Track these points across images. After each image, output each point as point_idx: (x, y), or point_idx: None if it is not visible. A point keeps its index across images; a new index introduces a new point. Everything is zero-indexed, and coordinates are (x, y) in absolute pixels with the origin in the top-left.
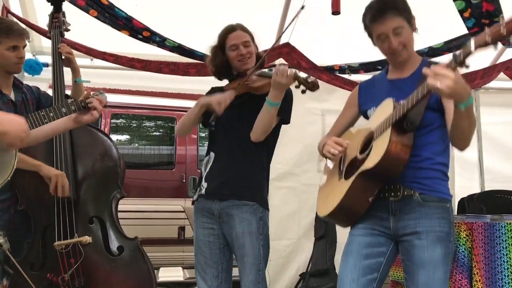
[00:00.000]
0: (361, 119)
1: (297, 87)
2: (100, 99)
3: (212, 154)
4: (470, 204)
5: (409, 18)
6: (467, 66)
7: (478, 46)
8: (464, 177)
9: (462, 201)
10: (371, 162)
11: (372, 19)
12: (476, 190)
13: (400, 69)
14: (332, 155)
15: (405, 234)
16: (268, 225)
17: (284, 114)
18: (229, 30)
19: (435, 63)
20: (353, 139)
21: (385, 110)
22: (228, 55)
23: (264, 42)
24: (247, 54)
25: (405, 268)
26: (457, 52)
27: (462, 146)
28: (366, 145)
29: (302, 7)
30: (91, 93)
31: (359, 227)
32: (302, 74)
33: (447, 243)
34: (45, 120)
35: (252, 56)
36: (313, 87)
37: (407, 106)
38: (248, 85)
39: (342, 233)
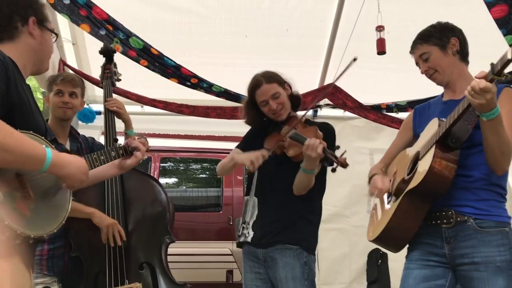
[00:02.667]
0: None
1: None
2: (143, 142)
3: (255, 200)
4: None
5: (441, 44)
6: (505, 76)
7: None
8: None
9: None
10: (415, 181)
11: (410, 52)
12: None
13: (453, 91)
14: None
15: (462, 264)
16: (314, 270)
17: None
18: (255, 87)
19: None
20: (402, 161)
21: (431, 129)
22: (262, 110)
23: (308, 85)
24: (278, 107)
25: None
26: (495, 62)
27: (492, 165)
28: (414, 166)
29: (355, 59)
30: (135, 137)
31: (413, 258)
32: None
33: (509, 272)
34: (97, 163)
35: (284, 105)
36: (343, 165)
37: (449, 121)
38: (283, 149)
39: (397, 277)
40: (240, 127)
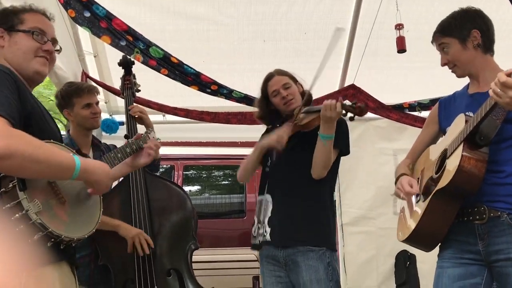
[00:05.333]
0: None
1: (344, 115)
2: (155, 143)
3: (268, 197)
4: None
5: (460, 37)
6: None
7: None
8: None
9: None
10: (444, 180)
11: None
12: None
13: (478, 83)
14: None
15: (498, 260)
16: (337, 270)
17: (341, 145)
18: (267, 78)
19: None
20: (430, 159)
21: (458, 126)
22: (273, 102)
23: (329, 87)
24: (289, 96)
25: None
26: None
27: None
28: (442, 164)
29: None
30: (145, 132)
31: (446, 256)
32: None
33: None
34: (116, 161)
35: (295, 96)
36: (361, 112)
37: (477, 119)
38: (297, 124)
39: (426, 279)
40: (261, 133)
